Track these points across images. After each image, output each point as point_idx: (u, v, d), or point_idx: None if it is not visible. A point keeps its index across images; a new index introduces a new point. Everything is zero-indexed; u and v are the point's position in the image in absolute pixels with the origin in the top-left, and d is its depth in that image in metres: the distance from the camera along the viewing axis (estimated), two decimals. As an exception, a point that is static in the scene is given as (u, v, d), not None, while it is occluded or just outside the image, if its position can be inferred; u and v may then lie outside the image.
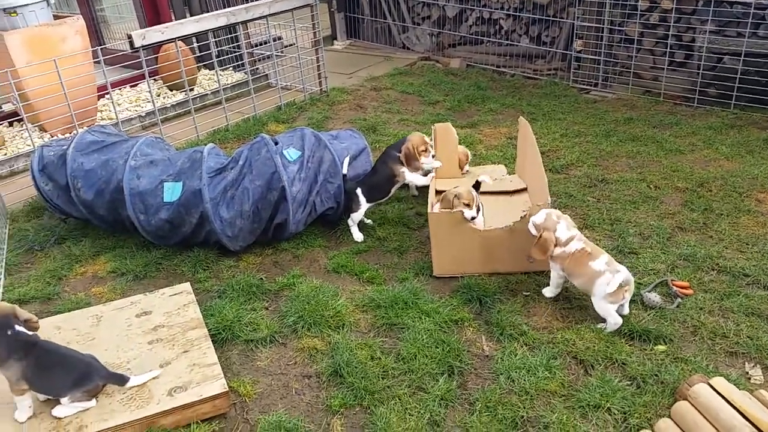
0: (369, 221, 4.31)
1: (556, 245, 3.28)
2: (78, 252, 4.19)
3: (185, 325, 3.24)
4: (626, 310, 3.24)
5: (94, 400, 2.78)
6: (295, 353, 3.20)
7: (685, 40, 6.20)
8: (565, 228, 3.30)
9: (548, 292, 3.47)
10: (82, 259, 4.13)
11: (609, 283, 3.07)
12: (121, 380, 2.83)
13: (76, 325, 3.29)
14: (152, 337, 3.18)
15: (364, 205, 4.12)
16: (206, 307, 3.49)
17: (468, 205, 3.59)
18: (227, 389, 2.83)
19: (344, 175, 4.14)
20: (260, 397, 2.95)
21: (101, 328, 3.27)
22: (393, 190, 4.22)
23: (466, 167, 4.69)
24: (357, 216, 4.15)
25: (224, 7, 6.83)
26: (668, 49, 6.21)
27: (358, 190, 4.11)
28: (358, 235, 4.18)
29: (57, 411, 2.74)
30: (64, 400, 2.73)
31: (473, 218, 3.59)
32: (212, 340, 3.15)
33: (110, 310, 3.42)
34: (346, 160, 4.14)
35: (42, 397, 2.80)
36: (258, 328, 3.36)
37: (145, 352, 3.06)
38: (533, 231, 3.38)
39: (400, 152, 4.09)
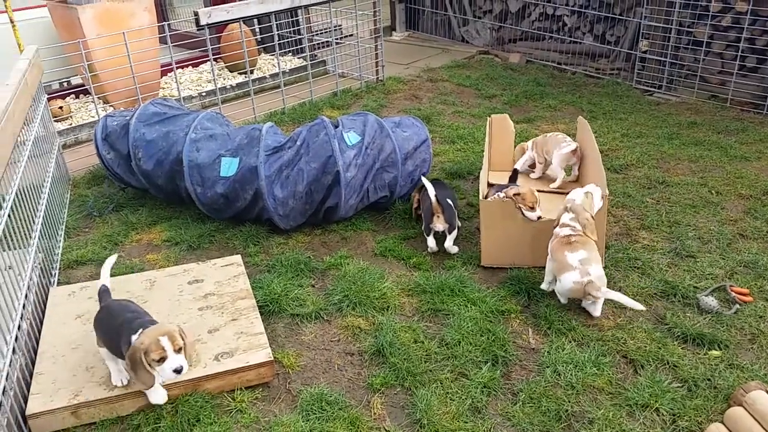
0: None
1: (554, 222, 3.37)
2: (135, 220, 4.31)
3: (234, 295, 3.30)
4: (598, 312, 3.20)
5: None
6: (339, 330, 3.22)
7: (759, 44, 5.96)
8: (569, 217, 3.28)
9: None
10: (138, 226, 4.24)
11: (574, 281, 3.08)
12: None
13: (130, 288, 3.38)
14: (202, 303, 3.24)
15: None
16: (255, 279, 3.55)
17: (532, 208, 3.52)
18: (272, 359, 2.87)
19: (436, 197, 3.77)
20: (303, 369, 2.98)
21: (154, 292, 3.35)
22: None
23: None
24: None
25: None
26: (739, 53, 5.97)
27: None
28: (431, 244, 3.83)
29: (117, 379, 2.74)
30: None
31: (539, 218, 3.52)
32: (260, 312, 3.19)
33: (164, 276, 3.50)
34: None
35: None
36: (304, 303, 3.39)
37: (195, 317, 3.13)
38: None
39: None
